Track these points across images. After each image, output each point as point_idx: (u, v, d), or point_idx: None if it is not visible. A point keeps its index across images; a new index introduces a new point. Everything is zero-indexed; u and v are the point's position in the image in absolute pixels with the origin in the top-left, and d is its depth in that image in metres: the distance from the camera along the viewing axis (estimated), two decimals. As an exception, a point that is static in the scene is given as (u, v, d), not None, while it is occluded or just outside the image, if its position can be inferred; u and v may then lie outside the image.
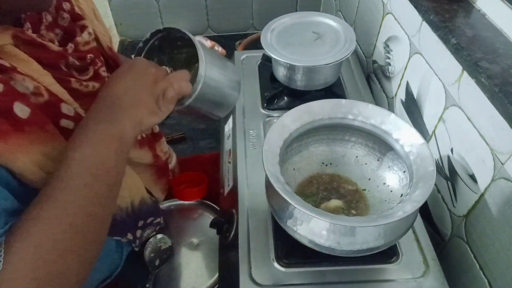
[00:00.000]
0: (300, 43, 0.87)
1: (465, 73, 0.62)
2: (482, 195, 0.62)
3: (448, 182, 0.71)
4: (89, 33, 0.56)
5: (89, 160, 0.44)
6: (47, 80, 0.46)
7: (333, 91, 0.92)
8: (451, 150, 0.69)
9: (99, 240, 0.46)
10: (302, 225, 0.57)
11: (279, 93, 0.92)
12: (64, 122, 0.48)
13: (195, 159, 1.04)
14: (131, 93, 0.48)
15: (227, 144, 0.88)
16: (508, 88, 0.52)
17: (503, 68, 0.55)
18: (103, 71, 0.57)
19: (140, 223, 0.68)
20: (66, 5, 0.54)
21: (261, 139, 0.82)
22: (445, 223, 0.73)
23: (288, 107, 0.69)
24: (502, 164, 0.56)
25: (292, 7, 1.58)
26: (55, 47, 0.48)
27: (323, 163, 0.72)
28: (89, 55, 0.54)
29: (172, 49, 0.59)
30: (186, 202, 0.90)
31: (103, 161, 0.45)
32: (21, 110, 0.41)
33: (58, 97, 0.47)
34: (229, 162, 0.83)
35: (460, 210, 0.68)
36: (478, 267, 0.64)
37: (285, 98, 0.91)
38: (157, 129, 0.72)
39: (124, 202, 0.61)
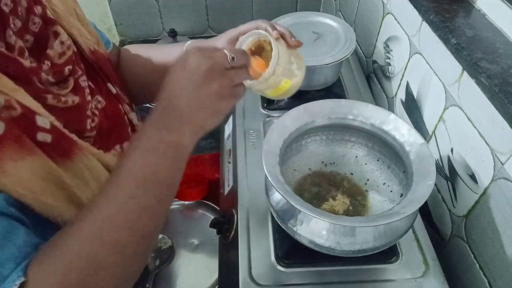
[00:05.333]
0: (300, 43, 0.87)
1: (465, 73, 0.62)
2: (482, 195, 0.62)
3: (448, 182, 0.71)
4: (62, 42, 0.50)
5: (138, 170, 0.41)
6: (18, 94, 0.42)
7: (333, 91, 0.92)
8: (451, 150, 0.69)
9: (142, 255, 0.43)
10: (302, 225, 0.57)
11: (279, 93, 0.92)
12: (41, 136, 0.43)
13: (195, 159, 1.03)
14: (187, 95, 0.44)
15: (227, 144, 0.88)
16: (508, 88, 0.52)
17: (503, 68, 0.55)
18: (83, 81, 0.52)
19: None
20: (37, 9, 0.48)
21: (261, 139, 0.82)
22: (445, 223, 0.73)
23: (288, 107, 0.69)
24: (502, 164, 0.56)
25: (292, 7, 1.58)
26: (26, 62, 0.44)
27: (323, 163, 0.72)
28: (67, 68, 0.50)
29: None
30: (186, 202, 0.90)
31: (155, 171, 0.42)
32: None
33: (31, 109, 0.43)
34: (229, 162, 0.83)
35: (460, 210, 0.68)
36: (478, 267, 0.64)
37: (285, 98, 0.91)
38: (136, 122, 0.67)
39: None
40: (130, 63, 0.68)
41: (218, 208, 0.87)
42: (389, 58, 0.93)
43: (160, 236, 0.81)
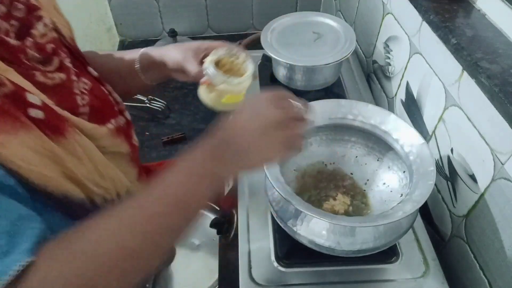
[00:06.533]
0: (300, 43, 0.87)
1: (465, 73, 0.62)
2: (482, 195, 0.62)
3: (448, 182, 0.71)
4: (45, 24, 0.53)
5: (173, 189, 0.43)
6: (9, 73, 0.44)
7: (333, 91, 0.92)
8: (451, 150, 0.69)
9: (152, 266, 0.43)
10: (302, 225, 0.57)
11: (279, 93, 0.92)
12: (33, 112, 0.45)
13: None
14: (251, 139, 0.46)
15: (227, 144, 0.88)
16: (508, 88, 0.52)
17: (503, 68, 0.55)
18: (68, 62, 0.55)
19: None
20: None
21: (261, 139, 0.82)
22: (445, 223, 0.73)
23: (288, 107, 0.69)
24: (502, 164, 0.56)
25: (292, 7, 1.58)
26: (12, 41, 0.46)
27: (323, 163, 0.72)
28: (49, 45, 0.52)
29: None
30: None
31: (188, 194, 0.44)
32: None
33: (22, 87, 0.45)
34: (229, 162, 0.83)
35: (460, 210, 0.68)
36: (478, 267, 0.64)
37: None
38: (129, 116, 0.69)
39: (109, 194, 0.58)
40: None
41: (218, 208, 0.87)
42: (389, 58, 0.93)
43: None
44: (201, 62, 0.65)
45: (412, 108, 0.83)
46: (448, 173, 0.70)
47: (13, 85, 0.43)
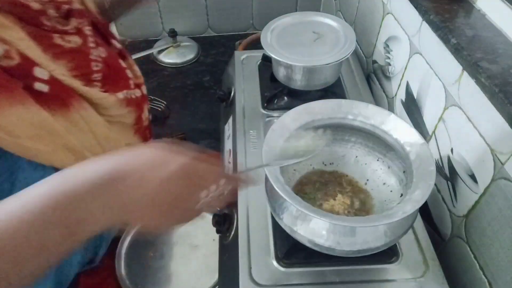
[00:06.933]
0: (300, 43, 0.87)
1: (465, 73, 0.62)
2: (482, 195, 0.62)
3: (448, 182, 0.71)
4: None
5: (44, 210, 0.32)
6: (24, 44, 0.46)
7: (333, 91, 0.92)
8: (451, 150, 0.69)
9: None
10: (302, 225, 0.57)
11: (279, 93, 0.92)
12: (38, 85, 0.47)
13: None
14: (152, 190, 0.35)
15: (227, 144, 0.88)
16: (508, 88, 0.52)
17: (503, 68, 0.55)
18: (87, 30, 0.56)
19: None
20: None
21: (261, 139, 0.82)
22: (445, 223, 0.73)
23: (288, 107, 0.69)
24: (502, 164, 0.56)
25: (292, 7, 1.58)
26: (36, 5, 0.48)
27: (323, 163, 0.72)
28: (64, 5, 0.53)
29: None
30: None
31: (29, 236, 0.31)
32: None
33: (31, 60, 0.46)
34: (229, 162, 0.83)
35: (460, 210, 0.68)
36: (478, 267, 0.64)
37: (285, 98, 0.91)
38: (145, 91, 0.66)
39: None
40: None
41: (218, 208, 0.87)
42: (389, 58, 0.93)
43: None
44: None
45: (412, 108, 0.83)
46: (448, 173, 0.70)
47: (22, 58, 0.45)
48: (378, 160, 0.69)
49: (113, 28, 1.56)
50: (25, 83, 0.45)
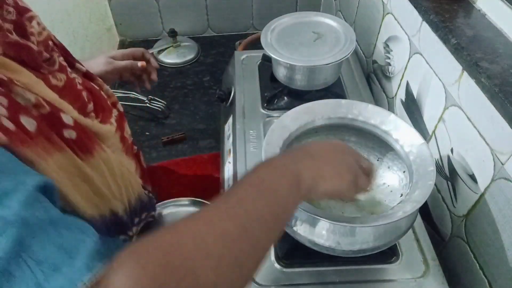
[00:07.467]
0: (300, 43, 0.87)
1: (465, 73, 0.62)
2: (482, 195, 0.62)
3: (448, 182, 0.71)
4: (38, 23, 0.53)
5: (260, 183, 0.41)
6: (39, 88, 0.44)
7: (333, 91, 0.92)
8: (451, 150, 0.69)
9: (249, 265, 0.37)
10: (302, 225, 0.57)
11: (279, 93, 0.92)
12: (67, 133, 0.46)
13: (195, 159, 1.04)
14: (325, 154, 0.49)
15: (227, 144, 0.88)
16: (508, 88, 0.52)
17: (503, 68, 0.55)
18: (62, 61, 0.55)
19: (136, 220, 0.66)
20: (8, 0, 0.50)
21: (261, 139, 0.82)
22: (445, 223, 0.73)
23: (288, 107, 0.69)
24: (502, 164, 0.56)
25: (292, 7, 1.59)
26: (34, 46, 0.47)
27: (323, 163, 0.72)
28: (49, 42, 0.52)
29: None
30: (186, 202, 0.89)
31: (273, 185, 0.41)
32: (27, 122, 0.39)
33: (56, 106, 0.45)
34: (229, 162, 0.83)
35: (460, 210, 0.68)
36: (478, 267, 0.64)
37: (285, 98, 0.91)
38: (121, 108, 0.67)
39: (123, 204, 0.58)
40: None
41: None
42: (389, 58, 0.93)
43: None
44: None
45: (412, 108, 0.83)
46: (448, 173, 0.70)
47: (49, 106, 0.44)
48: (378, 160, 0.69)
49: (113, 29, 1.56)
50: (56, 131, 0.43)
